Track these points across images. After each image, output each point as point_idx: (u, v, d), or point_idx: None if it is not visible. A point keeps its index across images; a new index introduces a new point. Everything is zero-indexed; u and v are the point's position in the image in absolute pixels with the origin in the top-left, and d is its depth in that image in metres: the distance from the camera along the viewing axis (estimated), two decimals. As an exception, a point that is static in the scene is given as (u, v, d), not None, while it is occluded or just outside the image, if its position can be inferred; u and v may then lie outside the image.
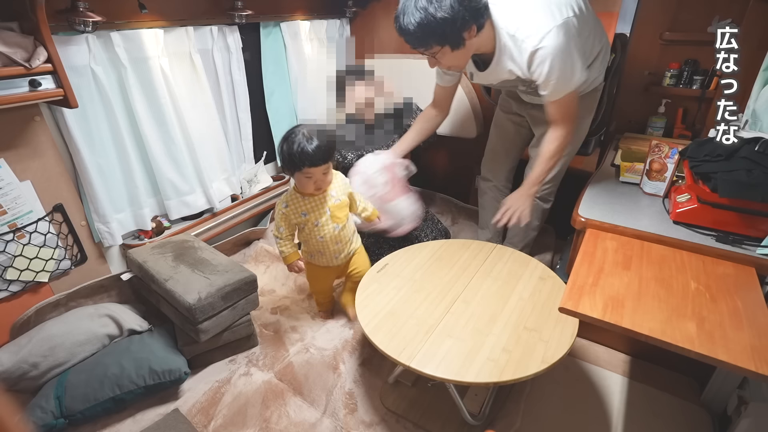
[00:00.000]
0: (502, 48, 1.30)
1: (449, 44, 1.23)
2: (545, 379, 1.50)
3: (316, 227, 1.49)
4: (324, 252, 1.56)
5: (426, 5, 1.14)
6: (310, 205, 1.46)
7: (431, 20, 1.15)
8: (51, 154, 1.46)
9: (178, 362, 1.44)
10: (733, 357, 0.84)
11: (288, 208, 1.47)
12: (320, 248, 1.55)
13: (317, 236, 1.51)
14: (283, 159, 1.38)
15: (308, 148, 1.32)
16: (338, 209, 1.50)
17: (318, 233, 1.50)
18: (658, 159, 1.41)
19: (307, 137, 1.33)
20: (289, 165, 1.37)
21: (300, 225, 1.50)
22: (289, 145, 1.34)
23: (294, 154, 1.33)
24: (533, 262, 1.45)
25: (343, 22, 2.46)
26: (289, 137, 1.35)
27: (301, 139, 1.32)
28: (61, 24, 1.34)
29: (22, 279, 1.44)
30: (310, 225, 1.48)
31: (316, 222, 1.48)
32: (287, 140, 1.35)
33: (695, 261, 1.15)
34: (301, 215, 1.46)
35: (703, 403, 1.41)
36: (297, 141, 1.32)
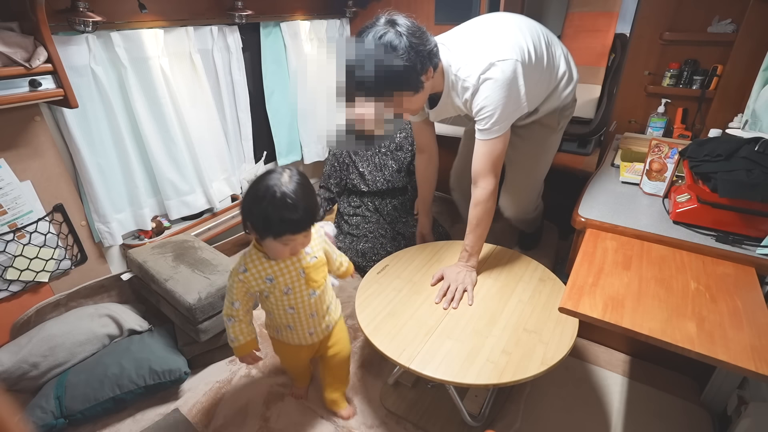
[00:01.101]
0: (450, 85, 1.29)
1: (412, 89, 1.18)
2: (545, 379, 1.50)
3: (285, 296, 1.11)
4: (295, 327, 1.18)
5: (383, 57, 1.09)
6: (277, 266, 1.08)
7: (391, 70, 1.10)
8: (51, 154, 1.46)
9: (178, 362, 1.44)
10: (733, 357, 0.84)
11: (247, 274, 1.07)
12: (290, 322, 1.17)
13: (286, 307, 1.13)
14: (253, 223, 1.00)
15: (291, 215, 0.97)
16: (315, 270, 1.14)
17: (287, 303, 1.13)
18: (658, 159, 1.41)
19: (287, 199, 0.95)
20: (262, 231, 1.00)
21: (262, 293, 1.12)
22: (263, 210, 0.96)
23: (270, 220, 0.97)
24: (533, 263, 1.45)
25: (343, 22, 2.46)
26: (260, 197, 0.96)
27: (279, 202, 0.95)
28: (61, 24, 1.34)
29: (22, 279, 1.44)
30: (278, 293, 1.10)
31: (286, 289, 1.10)
32: (258, 201, 0.96)
33: (695, 261, 1.15)
34: (266, 281, 1.08)
35: (703, 403, 1.41)
36: (274, 205, 0.95)
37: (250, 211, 0.99)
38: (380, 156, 2.06)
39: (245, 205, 1.00)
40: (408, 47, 1.10)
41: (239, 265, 1.09)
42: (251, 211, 0.99)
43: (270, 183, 0.96)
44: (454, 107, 1.35)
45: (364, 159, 2.06)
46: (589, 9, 2.79)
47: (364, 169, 2.05)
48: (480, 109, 1.24)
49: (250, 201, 0.99)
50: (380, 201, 2.12)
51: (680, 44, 1.92)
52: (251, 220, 1.00)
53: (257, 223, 0.99)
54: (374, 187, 2.06)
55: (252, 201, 0.98)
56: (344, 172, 2.11)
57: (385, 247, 1.95)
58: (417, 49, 1.12)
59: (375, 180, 2.06)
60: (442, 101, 1.34)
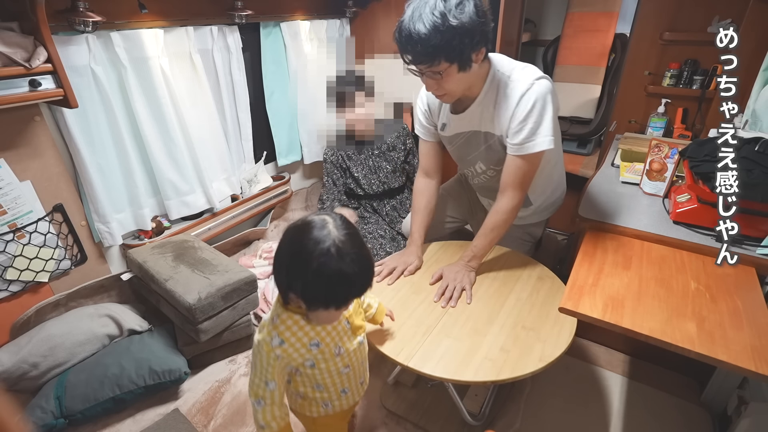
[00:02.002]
0: (494, 84, 1.21)
1: (458, 63, 1.07)
2: (545, 379, 1.50)
3: (338, 357, 0.91)
4: (350, 387, 0.99)
5: (444, 11, 1.00)
6: (322, 327, 0.87)
7: (449, 28, 1.01)
8: (51, 154, 1.46)
9: (178, 362, 1.44)
10: (733, 357, 0.84)
11: (286, 346, 0.84)
12: (345, 385, 0.97)
13: (340, 368, 0.92)
14: (303, 295, 0.78)
15: (356, 280, 0.78)
16: (356, 315, 0.96)
17: (341, 364, 0.92)
18: (658, 159, 1.41)
19: (349, 263, 0.75)
20: (315, 304, 0.79)
21: (304, 364, 0.88)
22: (316, 274, 0.74)
23: (332, 292, 0.78)
24: (532, 261, 1.45)
25: (343, 22, 2.46)
26: (313, 269, 0.74)
27: (336, 262, 0.74)
28: (61, 24, 1.34)
29: (22, 279, 1.44)
30: (328, 356, 0.89)
31: (337, 349, 0.90)
32: (310, 273, 0.75)
33: (695, 261, 1.15)
34: (310, 348, 0.86)
35: (703, 403, 1.41)
36: (330, 268, 0.74)
37: (300, 283, 0.77)
38: (373, 158, 2.04)
39: (287, 275, 0.79)
40: (471, 11, 1.02)
41: (269, 336, 0.84)
42: (303, 284, 0.77)
43: (319, 247, 0.74)
44: (481, 118, 1.26)
45: (358, 163, 2.03)
46: (589, 9, 2.79)
47: (358, 173, 2.03)
48: (524, 118, 1.16)
49: (296, 271, 0.76)
50: (378, 202, 2.11)
51: (680, 44, 1.92)
52: (299, 293, 0.78)
53: (311, 296, 0.78)
54: (370, 190, 2.05)
55: (299, 271, 0.76)
56: (342, 177, 2.08)
57: (384, 247, 1.95)
58: (481, 19, 1.04)
59: (370, 183, 2.04)
60: (473, 107, 1.25)
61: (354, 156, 2.01)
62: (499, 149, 1.29)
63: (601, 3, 2.75)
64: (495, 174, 1.37)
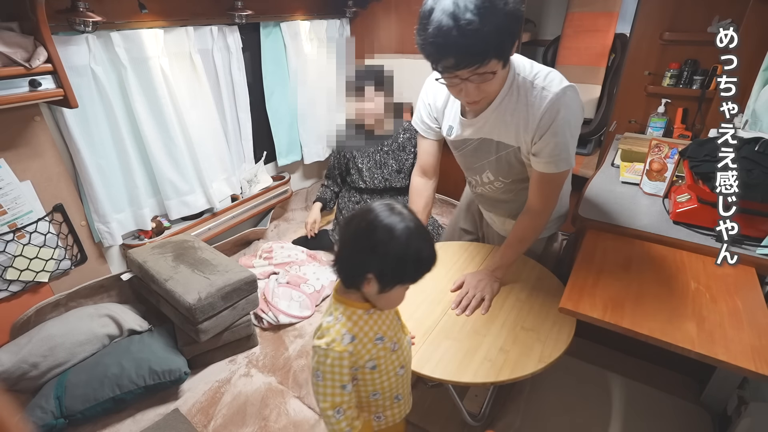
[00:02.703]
0: (508, 93, 1.05)
1: (503, 58, 0.92)
2: (545, 379, 1.50)
3: (394, 353, 0.87)
4: (403, 393, 0.94)
5: (477, 16, 0.81)
6: (379, 318, 0.85)
7: (499, 11, 0.83)
8: (51, 154, 1.46)
9: (178, 362, 1.44)
10: (733, 357, 0.84)
11: (356, 341, 0.81)
12: (399, 390, 0.92)
13: (397, 369, 0.88)
14: (389, 270, 0.77)
15: (429, 252, 0.79)
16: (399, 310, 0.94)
17: (398, 363, 0.88)
18: (658, 159, 1.41)
19: (420, 234, 0.78)
20: (395, 279, 0.79)
21: (366, 366, 0.84)
22: (402, 250, 0.76)
23: (418, 261, 0.78)
24: (531, 262, 1.44)
25: (343, 22, 2.46)
26: (392, 235, 0.75)
27: (416, 239, 0.77)
28: (61, 24, 1.34)
29: (22, 279, 1.44)
30: (387, 354, 0.86)
31: (393, 345, 0.87)
32: (391, 241, 0.75)
33: (695, 261, 1.15)
34: (375, 342, 0.84)
35: (703, 403, 1.41)
36: (413, 244, 0.76)
37: (382, 261, 0.76)
38: (381, 154, 2.06)
39: (370, 255, 0.76)
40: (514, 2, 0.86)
41: (338, 335, 0.80)
42: (386, 262, 0.76)
43: (401, 226, 0.75)
44: (495, 126, 1.11)
45: (365, 155, 2.06)
46: (589, 9, 2.79)
47: (362, 165, 2.06)
48: (554, 132, 1.01)
49: (381, 250, 0.75)
50: (378, 198, 2.13)
51: (680, 44, 1.92)
52: (379, 272, 0.77)
53: (392, 273, 0.77)
54: (371, 185, 2.06)
55: (384, 249, 0.75)
56: (345, 167, 2.14)
57: None
58: (521, 11, 0.88)
59: (373, 177, 2.06)
60: (487, 113, 1.09)
61: (363, 150, 2.06)
62: (512, 161, 1.16)
63: (601, 3, 2.75)
64: (502, 186, 1.27)
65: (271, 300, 1.76)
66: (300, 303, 1.78)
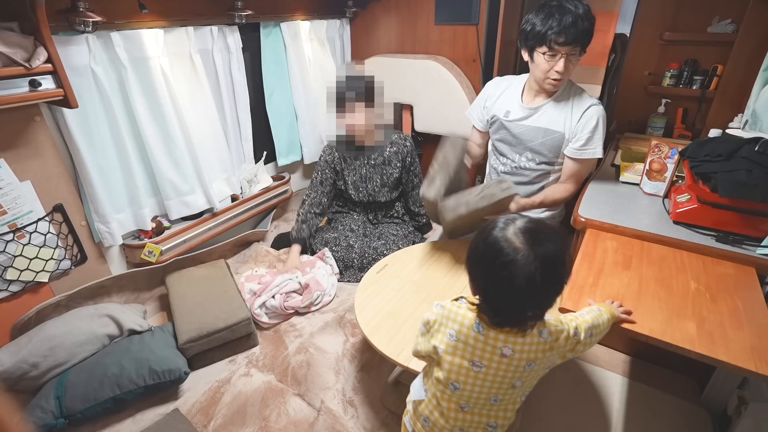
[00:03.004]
0: (565, 89, 1.49)
1: (584, 49, 1.38)
2: (545, 379, 1.49)
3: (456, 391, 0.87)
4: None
5: (586, 6, 1.33)
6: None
7: (591, 20, 1.34)
8: (51, 154, 1.46)
9: (178, 362, 1.44)
10: (733, 357, 0.84)
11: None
12: None
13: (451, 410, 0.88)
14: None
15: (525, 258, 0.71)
16: None
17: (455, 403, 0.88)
18: (658, 159, 1.41)
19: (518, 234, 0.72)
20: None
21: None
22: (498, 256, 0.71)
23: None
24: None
25: (343, 22, 2.46)
26: (491, 240, 0.73)
27: (512, 242, 0.71)
28: (61, 24, 1.34)
29: (22, 279, 1.44)
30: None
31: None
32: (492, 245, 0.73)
33: (695, 261, 1.15)
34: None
35: (703, 403, 1.41)
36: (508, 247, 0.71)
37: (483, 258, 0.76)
38: (367, 168, 2.01)
39: (479, 248, 0.76)
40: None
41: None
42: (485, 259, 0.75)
43: (504, 226, 0.75)
44: (551, 115, 1.50)
45: (352, 168, 2.01)
46: (589, 9, 2.79)
47: (349, 178, 2.02)
48: (592, 128, 1.44)
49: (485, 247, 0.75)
50: (359, 211, 2.13)
51: (680, 44, 1.92)
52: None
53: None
54: (356, 197, 2.05)
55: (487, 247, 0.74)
56: (332, 178, 2.04)
57: (348, 239, 1.99)
58: None
59: (357, 190, 2.03)
60: (547, 106, 1.50)
61: (350, 160, 2.01)
62: (551, 147, 1.52)
63: (601, 3, 2.74)
64: (529, 168, 1.59)
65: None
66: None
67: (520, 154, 1.60)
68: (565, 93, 1.49)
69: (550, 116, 1.50)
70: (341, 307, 1.78)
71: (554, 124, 1.49)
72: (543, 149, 1.54)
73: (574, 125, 1.46)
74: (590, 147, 1.46)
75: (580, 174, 1.52)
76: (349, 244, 1.96)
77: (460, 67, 2.23)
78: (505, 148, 1.64)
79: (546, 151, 1.54)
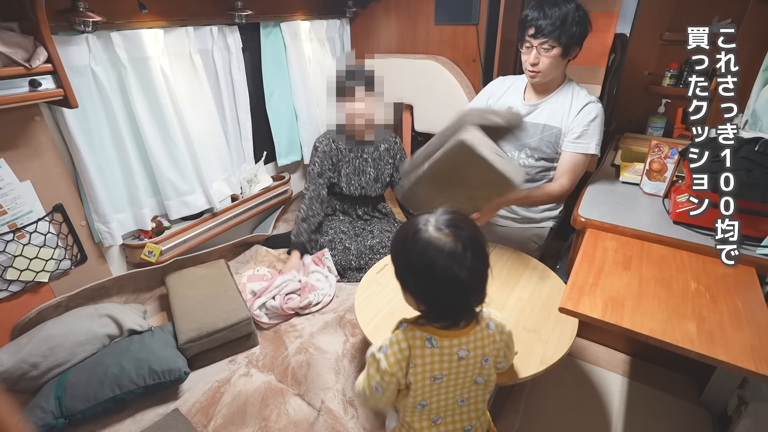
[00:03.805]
0: (563, 89, 1.54)
1: (563, 49, 1.41)
2: (545, 379, 1.50)
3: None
4: None
5: (575, 6, 1.39)
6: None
7: (574, 19, 1.37)
8: (51, 154, 1.46)
9: (178, 362, 1.44)
10: (733, 357, 0.84)
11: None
12: None
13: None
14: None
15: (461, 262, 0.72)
16: None
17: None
18: (658, 159, 1.41)
19: (450, 241, 0.72)
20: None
21: None
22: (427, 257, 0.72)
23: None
24: (533, 261, 1.44)
25: (343, 22, 2.46)
26: (413, 239, 0.74)
27: (443, 244, 0.71)
28: (61, 24, 1.34)
29: (22, 279, 1.44)
30: None
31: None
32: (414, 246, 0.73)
33: (695, 261, 1.15)
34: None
35: (703, 403, 1.41)
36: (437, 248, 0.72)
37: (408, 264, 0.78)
38: (360, 161, 2.02)
39: (402, 254, 0.78)
40: (585, 14, 1.43)
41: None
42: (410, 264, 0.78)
43: (422, 223, 0.76)
44: (550, 112, 1.55)
45: (346, 161, 2.01)
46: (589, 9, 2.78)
47: (343, 170, 2.02)
48: (587, 123, 1.46)
49: (409, 248, 0.75)
50: (350, 204, 2.13)
51: (680, 44, 1.91)
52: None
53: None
54: (347, 191, 2.05)
55: (409, 249, 0.75)
56: (330, 170, 2.01)
57: (344, 242, 1.99)
58: (586, 32, 1.43)
59: (350, 183, 2.03)
60: (545, 103, 1.56)
61: (345, 152, 2.00)
62: (550, 143, 1.54)
63: (601, 3, 2.74)
64: (528, 165, 1.61)
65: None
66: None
67: (519, 151, 1.63)
68: (565, 90, 1.53)
69: (549, 112, 1.54)
70: (341, 307, 1.77)
71: (552, 120, 1.53)
72: (541, 144, 1.57)
73: (571, 120, 1.49)
74: (583, 141, 1.47)
75: (574, 170, 1.50)
76: (345, 247, 1.96)
77: (460, 67, 2.23)
78: (505, 146, 1.66)
79: (544, 147, 1.56)
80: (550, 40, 1.39)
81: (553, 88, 1.55)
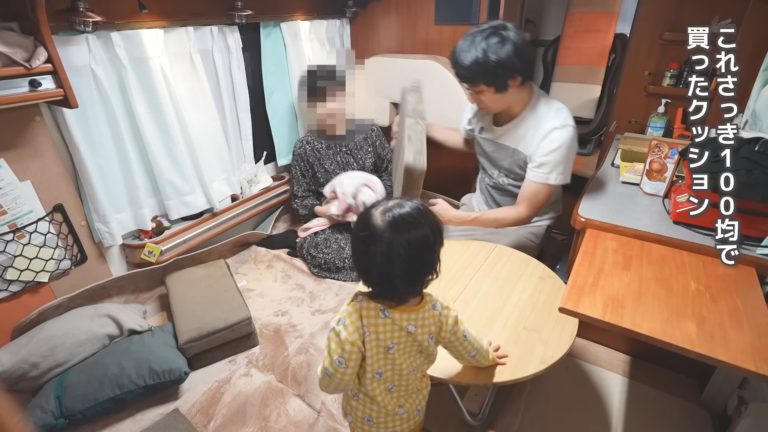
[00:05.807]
0: (528, 113, 1.43)
1: (494, 86, 1.32)
2: (545, 379, 1.50)
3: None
4: None
5: (486, 48, 1.26)
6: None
7: (487, 62, 1.26)
8: (51, 154, 1.46)
9: (178, 362, 1.44)
10: (733, 357, 0.84)
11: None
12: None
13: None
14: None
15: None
16: None
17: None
18: (658, 159, 1.41)
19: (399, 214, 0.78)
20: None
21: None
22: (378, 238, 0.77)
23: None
24: (533, 262, 1.44)
25: (343, 22, 2.46)
26: (366, 224, 0.78)
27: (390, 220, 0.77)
28: (61, 24, 1.34)
29: (22, 279, 1.44)
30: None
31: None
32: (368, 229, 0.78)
33: (695, 261, 1.15)
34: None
35: (703, 403, 1.41)
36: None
37: (363, 245, 0.80)
38: (341, 155, 2.16)
39: (359, 239, 0.81)
40: (509, 49, 1.26)
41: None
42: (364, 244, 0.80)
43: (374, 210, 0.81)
44: (515, 135, 1.47)
45: (327, 158, 2.14)
46: (589, 9, 2.79)
47: (328, 167, 2.14)
48: (548, 152, 1.37)
49: (367, 233, 0.78)
50: None
51: (680, 44, 1.91)
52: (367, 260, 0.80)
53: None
54: None
55: (366, 233, 0.79)
56: (309, 171, 2.18)
57: (340, 242, 2.05)
58: (519, 55, 1.27)
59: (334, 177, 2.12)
60: (510, 125, 1.48)
61: (324, 150, 2.12)
62: (521, 166, 1.49)
63: (601, 3, 2.75)
64: (506, 184, 1.60)
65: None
66: None
67: (498, 170, 1.61)
68: (531, 114, 1.43)
69: (516, 137, 1.47)
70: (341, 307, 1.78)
71: (520, 145, 1.47)
72: (513, 167, 1.53)
73: (534, 147, 1.41)
74: (542, 171, 1.40)
75: (534, 198, 1.44)
76: (339, 246, 2.00)
77: (460, 67, 2.23)
78: (485, 163, 1.67)
79: (517, 169, 1.52)
80: (474, 85, 1.34)
81: (516, 112, 1.45)
